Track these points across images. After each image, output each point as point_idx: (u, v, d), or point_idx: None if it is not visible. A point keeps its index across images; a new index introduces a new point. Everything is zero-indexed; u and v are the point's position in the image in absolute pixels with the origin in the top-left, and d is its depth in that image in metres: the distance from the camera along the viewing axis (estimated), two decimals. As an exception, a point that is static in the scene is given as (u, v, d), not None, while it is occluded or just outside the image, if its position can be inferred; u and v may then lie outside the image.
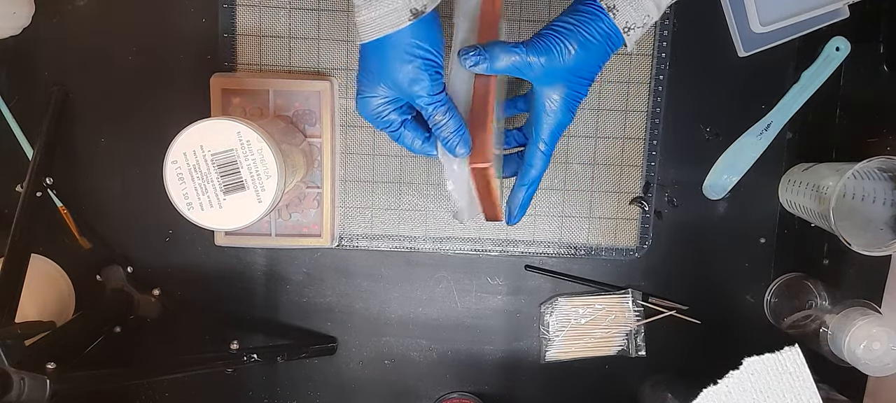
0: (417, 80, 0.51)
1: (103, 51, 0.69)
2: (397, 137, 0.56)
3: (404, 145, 0.56)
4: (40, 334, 0.58)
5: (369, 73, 0.53)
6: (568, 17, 0.51)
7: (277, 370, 0.75)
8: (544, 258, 0.74)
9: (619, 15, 0.50)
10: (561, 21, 0.51)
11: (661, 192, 0.73)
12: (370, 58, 0.52)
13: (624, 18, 0.50)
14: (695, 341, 0.75)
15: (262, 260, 0.73)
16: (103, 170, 0.71)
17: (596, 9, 0.50)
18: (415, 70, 0.51)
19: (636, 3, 0.50)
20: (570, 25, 0.51)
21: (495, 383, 0.76)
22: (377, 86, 0.53)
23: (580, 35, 0.50)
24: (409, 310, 0.75)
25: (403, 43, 0.50)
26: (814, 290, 0.70)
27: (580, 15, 0.51)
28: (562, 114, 0.53)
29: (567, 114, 0.54)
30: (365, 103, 0.54)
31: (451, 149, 0.53)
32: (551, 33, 0.51)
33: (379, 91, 0.53)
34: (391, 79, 0.51)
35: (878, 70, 0.71)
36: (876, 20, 0.70)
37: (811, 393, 0.55)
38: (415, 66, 0.50)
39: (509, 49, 0.51)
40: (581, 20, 0.50)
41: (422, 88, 0.51)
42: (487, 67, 0.51)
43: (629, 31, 0.51)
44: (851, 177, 0.63)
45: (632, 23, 0.50)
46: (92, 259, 0.71)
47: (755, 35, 0.67)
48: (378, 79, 0.52)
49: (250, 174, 0.55)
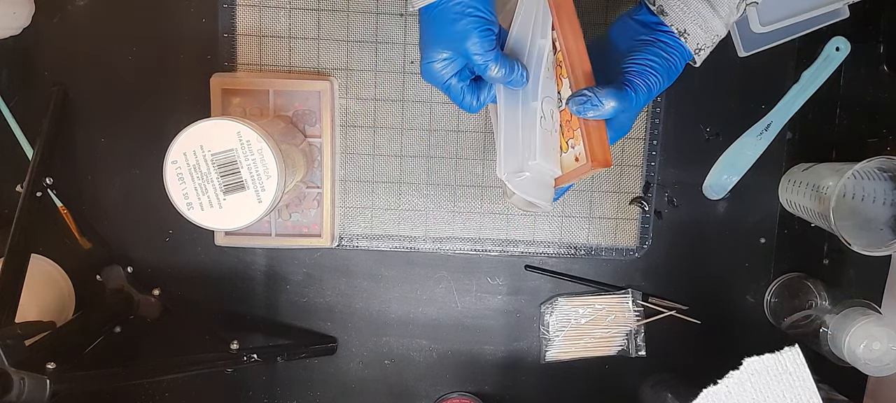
0: (469, 37, 0.52)
1: (103, 51, 0.69)
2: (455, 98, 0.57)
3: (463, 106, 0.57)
4: (40, 334, 0.58)
5: (427, 38, 0.54)
6: (655, 50, 0.54)
7: (277, 370, 0.75)
8: (544, 258, 0.74)
9: (690, 38, 0.53)
10: (650, 55, 0.53)
11: (661, 192, 0.73)
12: (425, 23, 0.54)
13: (695, 41, 0.53)
14: (695, 341, 0.75)
15: (262, 260, 0.73)
16: (103, 170, 0.71)
17: (674, 39, 0.53)
18: (466, 28, 0.52)
19: (706, 26, 0.53)
20: (659, 61, 0.53)
21: (495, 383, 0.76)
22: (435, 51, 0.54)
23: (670, 69, 0.54)
24: (409, 310, 0.75)
25: (453, 4, 0.52)
26: (814, 290, 0.70)
27: (665, 48, 0.54)
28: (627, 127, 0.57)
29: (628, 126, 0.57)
30: (427, 69, 0.55)
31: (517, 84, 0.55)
32: (647, 71, 0.53)
33: (437, 55, 0.54)
34: (446, 40, 0.53)
35: (878, 70, 0.71)
36: (876, 20, 0.70)
37: (811, 393, 0.55)
38: (465, 23, 0.52)
39: (618, 95, 0.52)
40: (669, 54, 0.53)
41: (474, 45, 0.53)
42: (597, 114, 0.52)
43: (700, 52, 0.54)
44: (851, 177, 0.63)
45: (702, 45, 0.54)
46: (92, 259, 0.71)
47: (755, 35, 0.67)
48: (435, 42, 0.54)
49: (250, 174, 0.55)
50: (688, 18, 0.53)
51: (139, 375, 0.67)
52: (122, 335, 0.70)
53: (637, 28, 0.55)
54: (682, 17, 0.53)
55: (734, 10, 0.53)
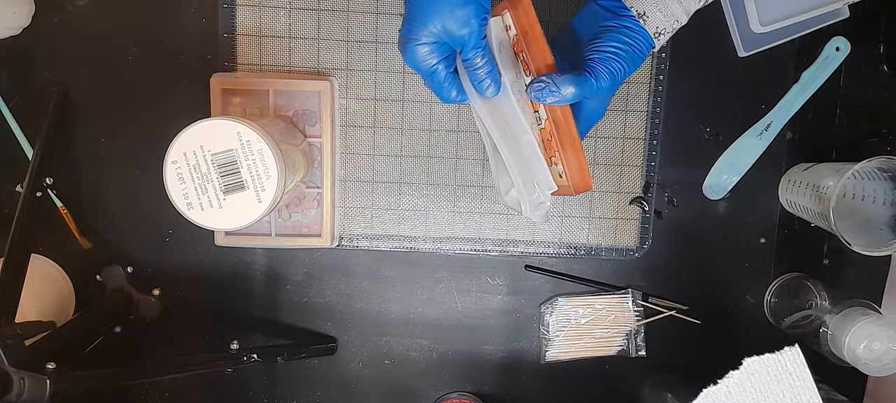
0: (467, 23, 0.52)
1: (103, 51, 0.69)
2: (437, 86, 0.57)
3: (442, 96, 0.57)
4: (40, 334, 0.58)
5: (419, 18, 0.53)
6: (618, 36, 0.54)
7: (277, 370, 0.75)
8: (544, 258, 0.74)
9: (650, 21, 0.54)
10: (613, 41, 0.54)
11: (661, 192, 0.73)
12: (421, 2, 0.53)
13: (654, 24, 0.54)
14: (695, 341, 0.75)
15: (262, 260, 0.73)
16: (103, 170, 0.71)
17: (637, 24, 0.54)
18: (466, 14, 0.52)
19: (665, 10, 0.53)
20: (623, 47, 0.54)
21: (495, 383, 0.76)
22: (425, 32, 0.53)
23: (635, 54, 0.54)
24: (409, 310, 0.75)
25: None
26: (814, 290, 0.70)
27: (628, 33, 0.54)
28: (599, 112, 0.59)
29: (602, 112, 0.59)
30: (412, 49, 0.54)
31: (482, 89, 0.55)
32: (610, 57, 0.54)
33: (426, 38, 0.53)
34: (442, 20, 0.52)
35: (878, 70, 0.71)
36: (876, 20, 0.70)
37: (811, 393, 0.55)
38: (467, 10, 0.52)
39: (577, 81, 0.53)
40: (633, 39, 0.54)
41: (470, 31, 0.52)
42: (557, 100, 0.53)
43: (659, 36, 0.55)
44: (851, 177, 0.62)
45: (661, 28, 0.54)
46: (92, 259, 0.71)
47: (755, 35, 0.67)
48: (428, 23, 0.52)
49: (250, 174, 0.55)
50: (647, 0, 0.53)
51: (139, 375, 0.67)
52: (122, 335, 0.70)
53: (601, 13, 0.55)
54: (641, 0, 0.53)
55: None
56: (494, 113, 0.57)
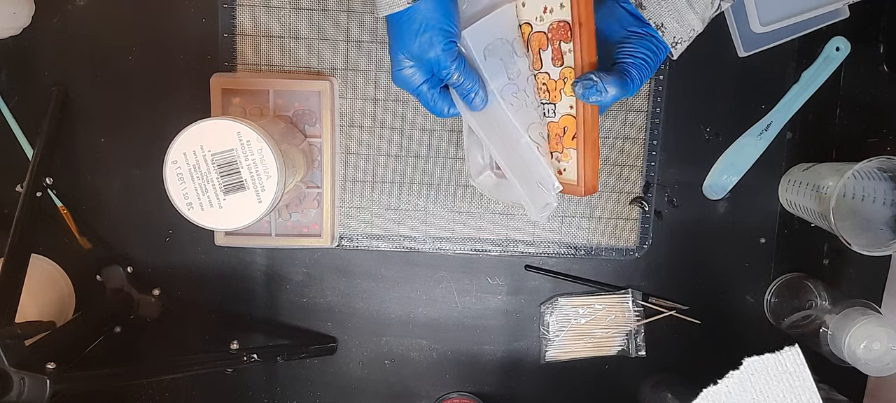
0: (431, 47, 0.53)
1: (103, 51, 0.69)
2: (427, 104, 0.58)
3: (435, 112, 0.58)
4: (40, 334, 0.58)
5: (394, 45, 0.55)
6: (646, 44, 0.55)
7: (277, 370, 0.75)
8: (544, 258, 0.74)
9: (667, 32, 0.54)
10: (643, 48, 0.55)
11: (661, 192, 0.73)
12: (392, 30, 0.55)
13: (671, 35, 0.55)
14: (695, 341, 0.75)
15: (262, 260, 0.73)
16: (103, 170, 0.71)
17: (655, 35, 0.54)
18: (429, 39, 0.53)
19: (681, 19, 0.54)
20: (651, 55, 0.55)
21: (495, 383, 0.76)
22: (399, 57, 0.55)
23: (656, 63, 0.55)
24: (409, 310, 0.75)
25: (416, 16, 0.52)
26: (814, 290, 0.70)
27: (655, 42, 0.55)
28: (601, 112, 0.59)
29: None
30: (396, 74, 0.56)
31: (470, 102, 0.57)
32: (643, 64, 0.55)
33: (405, 62, 0.55)
34: (408, 48, 0.54)
35: (878, 70, 0.71)
36: (876, 20, 0.70)
37: (811, 393, 0.55)
38: (429, 36, 0.53)
39: (620, 84, 0.54)
40: (658, 48, 0.55)
41: (436, 54, 0.53)
42: (599, 100, 0.54)
43: (676, 46, 0.55)
44: (851, 177, 0.62)
45: (678, 38, 0.55)
46: (92, 259, 0.71)
47: (755, 35, 0.67)
48: (401, 50, 0.54)
49: (250, 174, 0.55)
50: (665, 12, 0.54)
51: (139, 375, 0.67)
52: (122, 335, 0.70)
53: (628, 18, 0.55)
54: (659, 11, 0.54)
55: (709, 4, 0.54)
56: (488, 122, 0.58)
